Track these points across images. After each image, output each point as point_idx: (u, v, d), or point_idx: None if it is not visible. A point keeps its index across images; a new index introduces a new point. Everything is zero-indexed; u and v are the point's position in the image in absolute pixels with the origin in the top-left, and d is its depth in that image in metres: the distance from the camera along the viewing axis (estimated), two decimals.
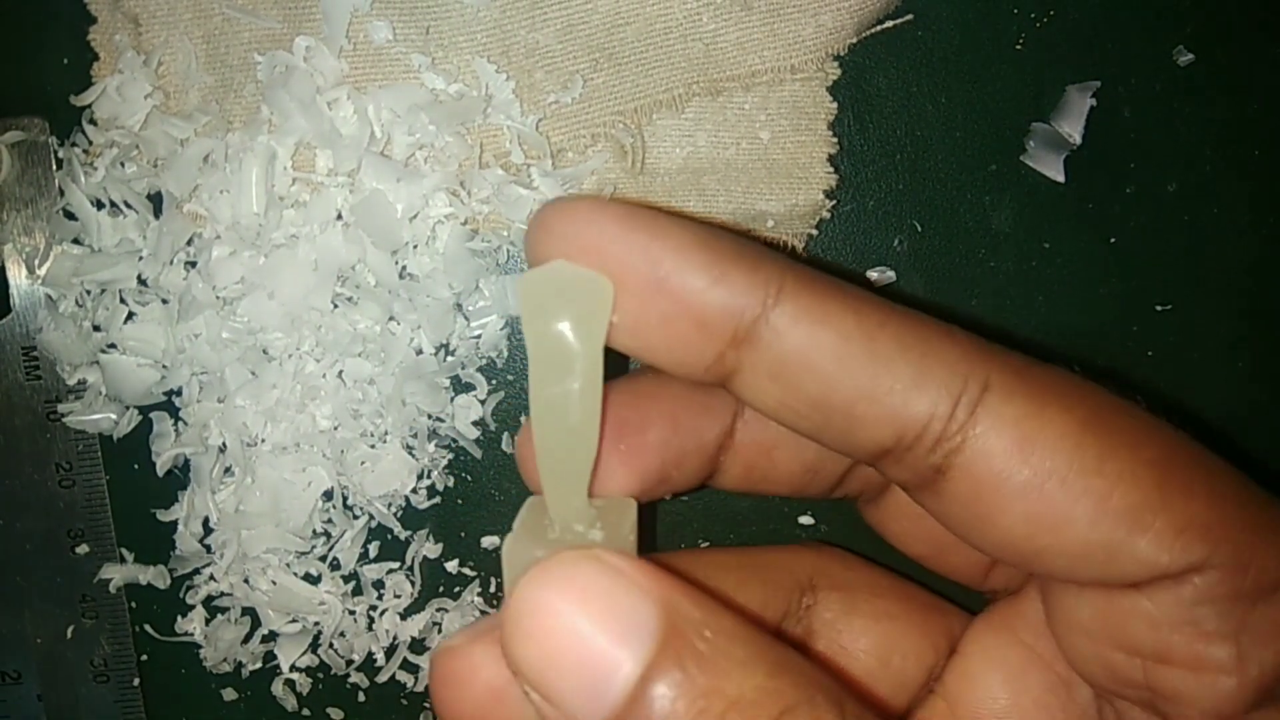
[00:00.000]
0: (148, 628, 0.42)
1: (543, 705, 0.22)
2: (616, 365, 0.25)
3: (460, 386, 0.40)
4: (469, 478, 0.41)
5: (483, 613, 0.42)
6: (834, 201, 0.39)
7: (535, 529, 0.25)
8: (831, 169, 0.39)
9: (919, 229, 0.40)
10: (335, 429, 0.39)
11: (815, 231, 0.39)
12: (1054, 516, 0.24)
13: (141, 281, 0.38)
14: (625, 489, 0.28)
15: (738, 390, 0.26)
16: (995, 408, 0.24)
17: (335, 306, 0.38)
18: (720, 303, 0.24)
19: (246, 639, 0.41)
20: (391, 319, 0.38)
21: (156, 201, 0.38)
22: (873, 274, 0.40)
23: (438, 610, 0.42)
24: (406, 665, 0.42)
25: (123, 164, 0.38)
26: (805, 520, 0.42)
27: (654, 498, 0.30)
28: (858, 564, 0.33)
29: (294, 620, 0.41)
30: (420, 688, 0.42)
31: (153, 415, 0.40)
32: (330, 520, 0.40)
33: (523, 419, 0.30)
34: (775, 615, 0.31)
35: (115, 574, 0.41)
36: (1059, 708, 0.29)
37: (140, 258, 0.38)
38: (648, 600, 0.22)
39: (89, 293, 0.39)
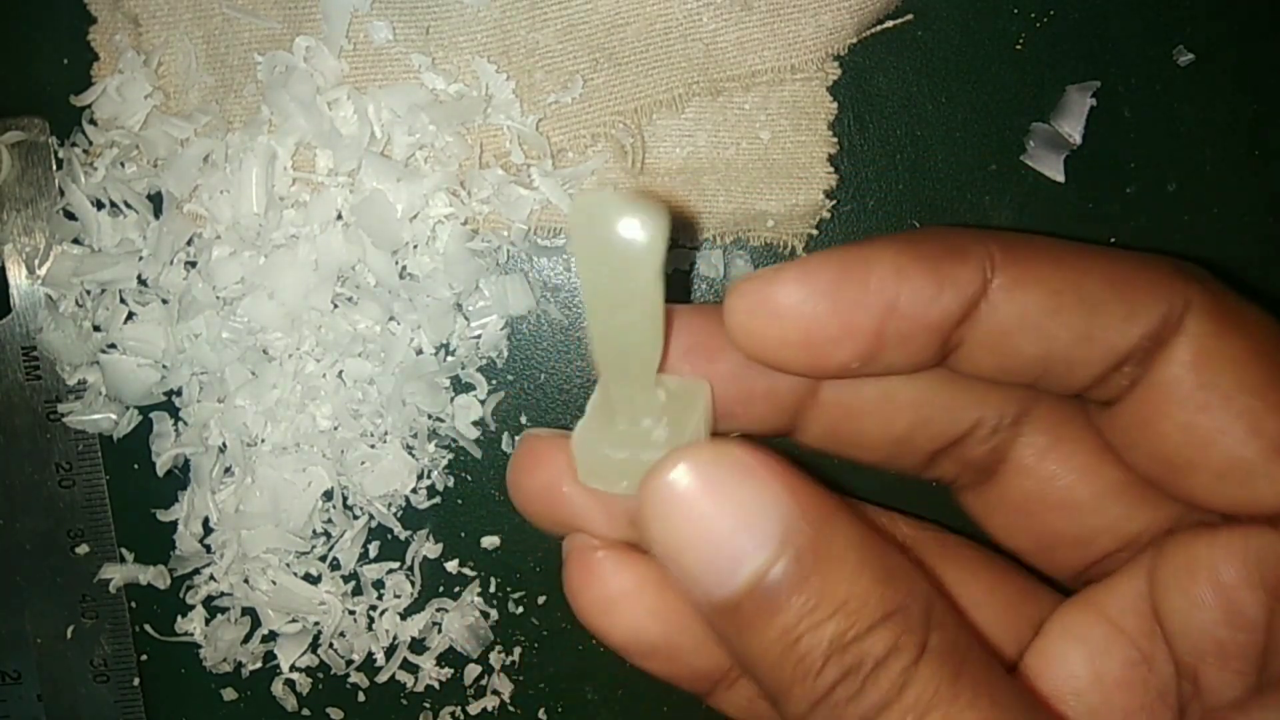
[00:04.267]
0: (148, 628, 0.42)
1: (677, 576, 0.24)
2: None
3: (460, 386, 0.40)
4: (469, 478, 0.41)
5: (483, 613, 0.42)
6: (834, 201, 0.39)
7: (603, 418, 0.26)
8: (831, 169, 0.39)
9: (919, 229, 0.40)
10: (335, 429, 0.39)
11: (815, 231, 0.39)
12: (1208, 429, 0.25)
13: (141, 281, 0.38)
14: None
15: (954, 364, 0.27)
16: (1190, 326, 0.26)
17: (335, 306, 0.38)
18: (949, 303, 0.26)
19: (246, 639, 0.41)
20: (391, 319, 0.38)
21: (156, 201, 0.38)
22: None
23: (438, 610, 0.42)
24: (406, 665, 0.42)
25: (123, 164, 0.38)
26: None
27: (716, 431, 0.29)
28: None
29: (294, 620, 0.41)
30: (420, 688, 0.42)
31: (153, 415, 0.40)
32: (330, 520, 0.40)
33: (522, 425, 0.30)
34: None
35: (115, 574, 0.41)
36: (1139, 684, 0.29)
37: (140, 258, 0.38)
38: (774, 500, 0.24)
39: (89, 293, 0.39)
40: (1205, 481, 0.26)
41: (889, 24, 0.38)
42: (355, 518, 0.41)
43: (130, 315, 0.39)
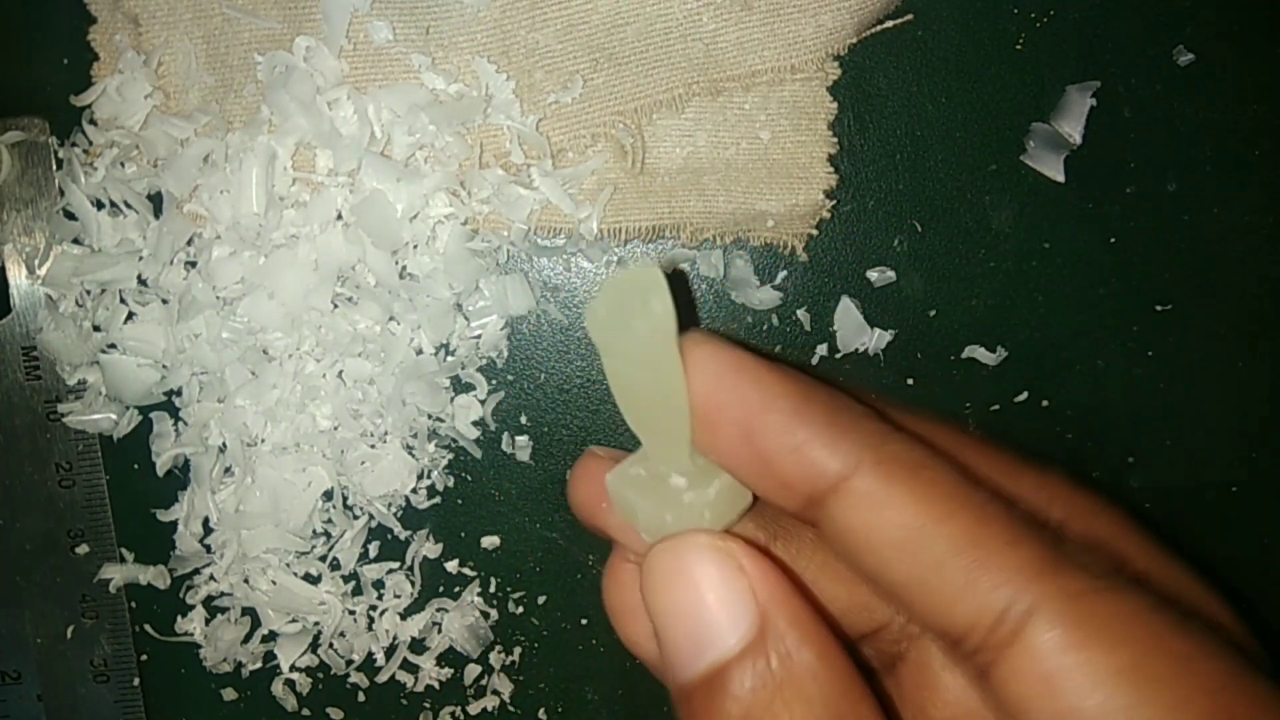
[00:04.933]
0: (148, 628, 0.42)
1: (659, 642, 0.27)
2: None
3: (460, 386, 0.40)
4: (469, 478, 0.41)
5: (483, 613, 0.42)
6: (834, 201, 0.39)
7: (640, 462, 0.28)
8: (831, 169, 0.39)
9: (919, 229, 0.40)
10: (335, 429, 0.39)
11: (815, 231, 0.39)
12: None
13: (141, 281, 0.38)
14: None
15: (820, 534, 0.28)
16: (1036, 634, 0.24)
17: (335, 306, 0.38)
18: (797, 471, 0.26)
19: (246, 639, 0.41)
20: (391, 319, 0.38)
21: (156, 201, 0.38)
22: (873, 274, 0.40)
23: (438, 610, 0.42)
24: (406, 665, 0.42)
25: (123, 164, 0.38)
26: None
27: None
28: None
29: (294, 620, 0.41)
30: (420, 688, 0.42)
31: (153, 415, 0.40)
32: (330, 520, 0.40)
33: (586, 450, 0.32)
34: (868, 624, 0.32)
35: (115, 574, 0.41)
36: None
37: (140, 258, 0.38)
38: (751, 601, 0.26)
39: (89, 293, 0.39)
40: None
41: (889, 24, 0.38)
42: (355, 518, 0.41)
43: (130, 315, 0.39)
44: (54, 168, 0.39)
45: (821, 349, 0.40)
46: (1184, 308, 0.40)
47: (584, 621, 0.42)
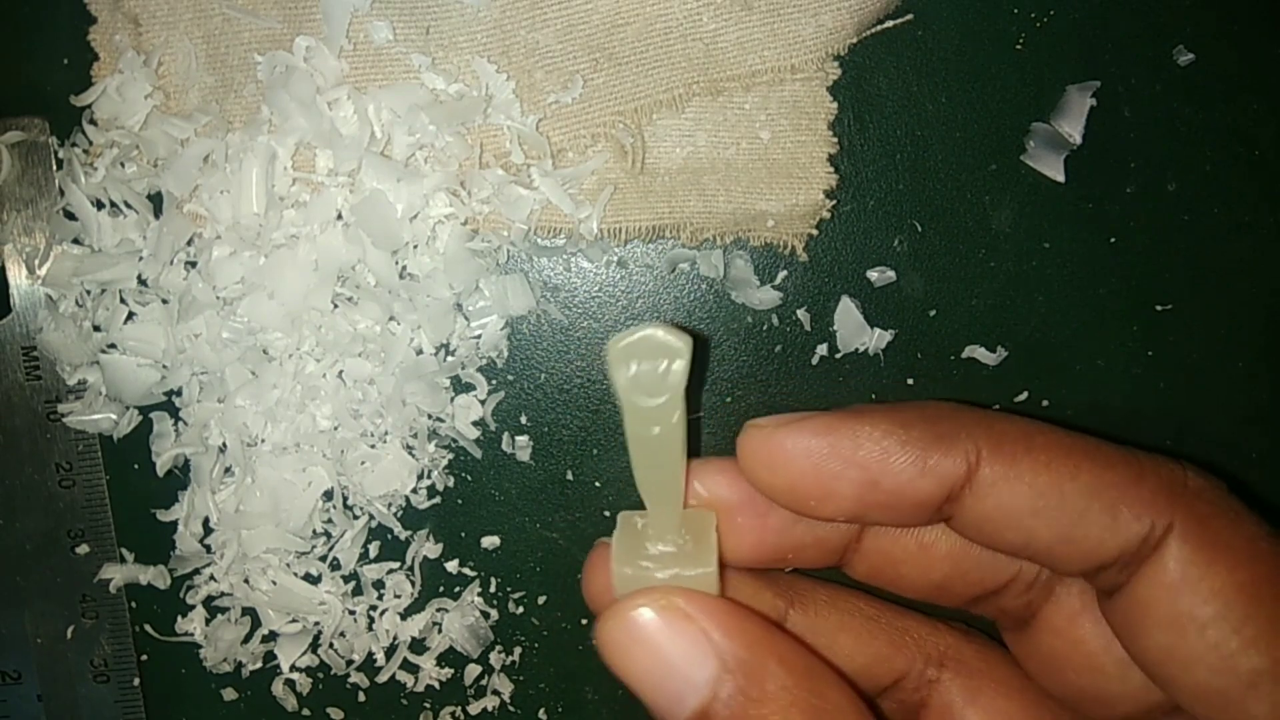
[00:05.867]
0: (148, 628, 0.42)
1: (642, 700, 0.28)
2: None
3: (460, 386, 0.40)
4: (469, 478, 0.41)
5: (483, 613, 0.42)
6: (834, 201, 0.39)
7: (633, 533, 0.30)
8: (831, 169, 0.39)
9: (919, 229, 0.40)
10: (335, 429, 0.39)
11: (815, 231, 0.39)
12: (1185, 655, 0.27)
13: (141, 281, 0.38)
14: (742, 558, 0.32)
15: (954, 528, 0.30)
16: (1171, 549, 0.27)
17: (335, 306, 0.38)
18: (929, 488, 0.28)
19: (246, 639, 0.41)
20: (391, 319, 0.38)
21: (156, 201, 0.38)
22: (873, 274, 0.40)
23: (438, 610, 0.42)
24: (406, 665, 0.42)
25: (123, 164, 0.38)
26: None
27: (776, 566, 0.34)
28: (994, 655, 0.35)
29: (294, 620, 0.41)
30: (420, 688, 0.42)
31: (153, 415, 0.40)
32: (330, 520, 0.40)
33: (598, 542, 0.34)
34: (888, 675, 0.34)
35: (115, 574, 0.41)
36: None
37: (140, 258, 0.38)
38: (705, 643, 0.27)
39: (89, 293, 0.39)
40: (1184, 697, 0.27)
41: (889, 24, 0.38)
42: (355, 518, 0.41)
43: (130, 315, 0.39)
44: (54, 168, 0.39)
45: (821, 349, 0.40)
46: (1184, 308, 0.40)
47: (584, 621, 0.42)
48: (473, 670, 0.42)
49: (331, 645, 0.42)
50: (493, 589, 0.42)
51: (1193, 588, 0.27)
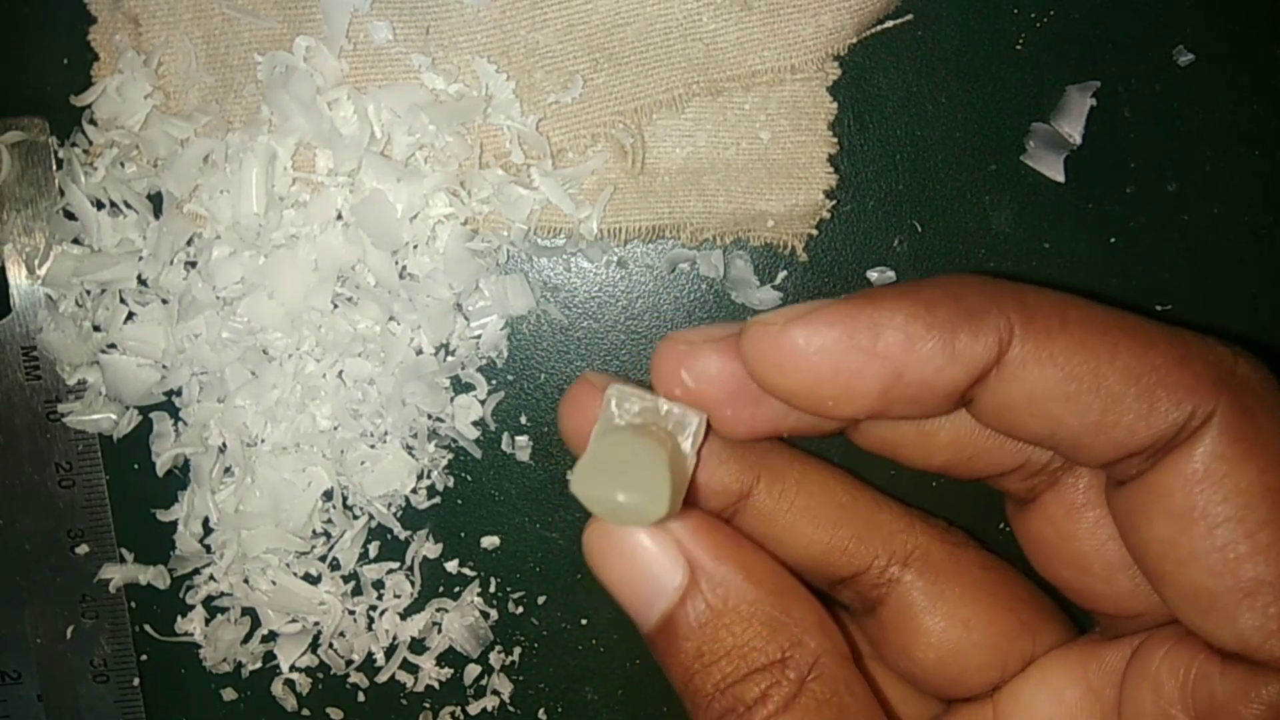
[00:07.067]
0: (148, 628, 0.42)
1: (619, 603, 0.30)
2: None
3: (460, 386, 0.40)
4: (469, 478, 0.41)
5: (483, 613, 0.42)
6: (834, 201, 0.39)
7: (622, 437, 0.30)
8: (831, 169, 0.39)
9: (919, 229, 0.40)
10: (335, 429, 0.39)
11: (815, 231, 0.39)
12: (1187, 551, 0.25)
13: (141, 281, 0.38)
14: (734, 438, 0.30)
15: (972, 413, 0.27)
16: (1205, 440, 0.25)
17: (335, 306, 0.38)
18: (957, 376, 0.25)
19: (246, 639, 0.41)
20: (391, 319, 0.38)
21: (156, 201, 0.38)
22: (873, 274, 0.40)
23: (437, 610, 0.42)
24: (406, 665, 0.42)
25: (123, 164, 0.38)
26: None
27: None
28: (967, 558, 0.33)
29: (294, 620, 0.41)
30: (420, 688, 0.42)
31: (153, 415, 0.40)
32: (330, 520, 0.40)
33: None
34: (847, 568, 0.32)
35: (115, 574, 0.41)
36: None
37: (140, 258, 0.38)
38: (677, 551, 0.28)
39: (89, 293, 0.39)
40: (1173, 595, 0.26)
41: (889, 24, 0.38)
42: (355, 518, 0.41)
43: (130, 315, 0.39)
44: (54, 168, 0.39)
45: None
46: (1184, 308, 0.40)
47: (584, 621, 0.42)
48: (472, 670, 0.42)
49: (331, 645, 0.42)
50: (492, 589, 0.42)
51: (1216, 483, 0.24)
